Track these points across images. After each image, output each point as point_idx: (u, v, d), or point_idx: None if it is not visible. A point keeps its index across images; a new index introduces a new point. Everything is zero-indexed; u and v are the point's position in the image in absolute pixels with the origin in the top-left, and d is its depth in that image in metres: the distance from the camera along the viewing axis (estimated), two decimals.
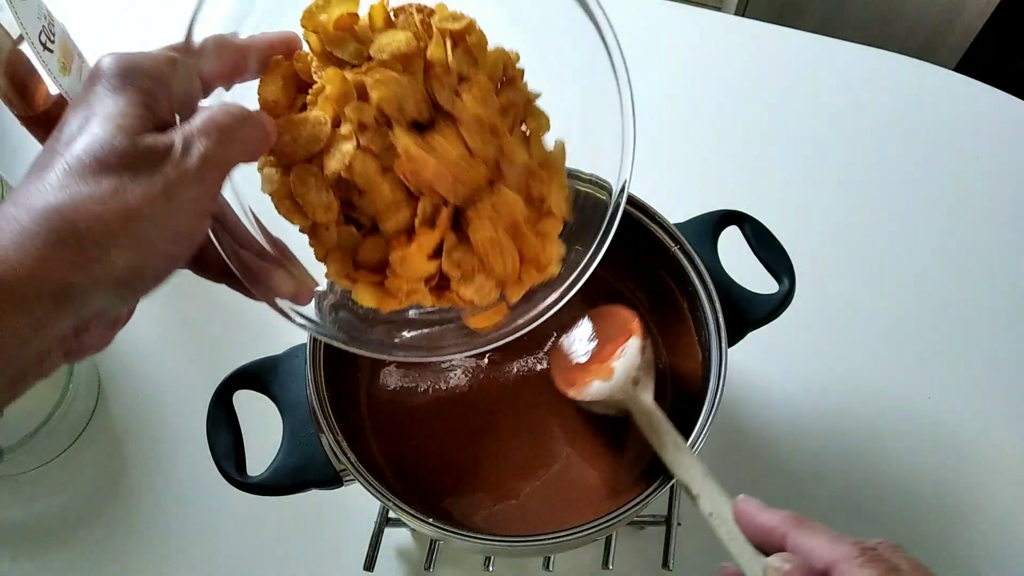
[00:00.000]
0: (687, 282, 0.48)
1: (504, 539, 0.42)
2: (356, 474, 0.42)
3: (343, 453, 0.43)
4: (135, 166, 0.26)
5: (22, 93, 0.64)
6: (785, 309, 0.48)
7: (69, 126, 0.27)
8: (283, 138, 0.32)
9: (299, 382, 0.46)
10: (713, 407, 0.43)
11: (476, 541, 0.42)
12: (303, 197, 0.32)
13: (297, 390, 0.46)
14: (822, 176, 0.70)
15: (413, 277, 0.33)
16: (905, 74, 0.75)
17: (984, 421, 0.58)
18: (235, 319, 0.64)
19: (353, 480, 0.43)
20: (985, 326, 0.62)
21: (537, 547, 0.43)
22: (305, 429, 0.45)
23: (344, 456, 0.42)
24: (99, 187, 0.25)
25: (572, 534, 0.41)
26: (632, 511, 0.41)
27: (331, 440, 0.43)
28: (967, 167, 0.70)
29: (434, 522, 0.41)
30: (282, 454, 0.45)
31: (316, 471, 0.44)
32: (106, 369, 0.62)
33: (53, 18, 0.65)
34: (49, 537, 0.56)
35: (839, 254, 0.66)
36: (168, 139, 0.27)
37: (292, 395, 0.46)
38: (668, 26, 0.79)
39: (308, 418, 0.44)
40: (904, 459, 0.57)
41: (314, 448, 0.44)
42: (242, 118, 0.29)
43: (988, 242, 0.66)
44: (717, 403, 0.43)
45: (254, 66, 0.33)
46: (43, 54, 0.62)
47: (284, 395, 0.46)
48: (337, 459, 0.43)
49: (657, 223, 0.49)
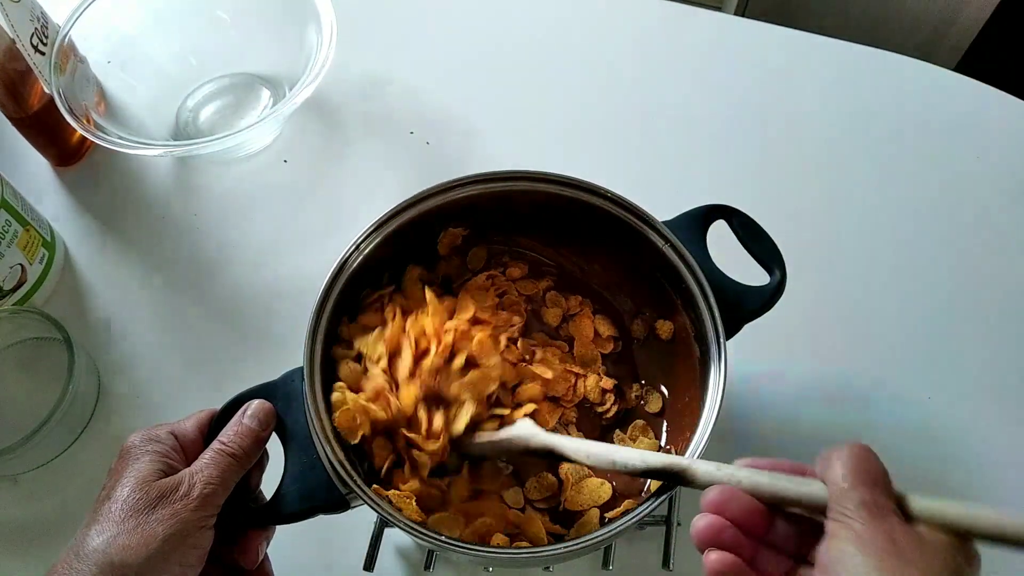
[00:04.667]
0: (679, 278, 0.48)
1: (506, 552, 0.42)
2: (363, 497, 0.41)
3: (348, 476, 0.42)
4: (152, 505, 0.39)
5: (14, 95, 0.64)
6: (778, 299, 0.48)
7: (109, 487, 0.40)
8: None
9: (298, 406, 0.45)
10: (717, 401, 0.43)
11: (481, 554, 0.42)
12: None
13: (296, 415, 0.45)
14: (822, 176, 0.70)
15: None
16: (905, 74, 0.75)
17: (984, 421, 0.58)
18: (235, 320, 0.64)
19: (361, 503, 0.42)
20: (985, 326, 0.62)
21: (538, 559, 0.42)
22: (307, 454, 0.44)
23: (350, 479, 0.42)
24: (126, 526, 0.38)
25: (572, 546, 0.41)
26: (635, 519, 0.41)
27: (335, 463, 0.42)
28: (967, 167, 0.70)
29: (446, 540, 0.41)
30: (286, 480, 0.44)
31: (321, 496, 0.43)
32: (106, 369, 0.62)
33: (48, 19, 0.65)
34: (49, 537, 0.56)
35: (839, 254, 0.65)
36: (177, 480, 0.40)
37: (292, 420, 0.45)
38: (668, 26, 0.79)
39: (309, 443, 0.44)
40: (904, 459, 0.57)
41: (318, 473, 0.43)
42: (237, 457, 0.43)
43: (988, 242, 0.66)
44: (721, 396, 0.43)
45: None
46: (34, 56, 0.62)
47: (284, 421, 0.45)
48: (343, 482, 0.42)
49: (645, 222, 0.49)
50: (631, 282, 0.54)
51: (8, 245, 0.59)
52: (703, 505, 0.35)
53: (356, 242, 0.48)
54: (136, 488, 0.39)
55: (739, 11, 1.21)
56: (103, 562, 0.37)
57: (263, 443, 0.44)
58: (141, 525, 0.38)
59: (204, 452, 0.42)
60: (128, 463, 0.41)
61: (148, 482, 0.40)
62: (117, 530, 0.38)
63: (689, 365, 0.49)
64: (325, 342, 0.47)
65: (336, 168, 0.72)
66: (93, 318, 0.64)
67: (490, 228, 0.55)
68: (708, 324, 0.46)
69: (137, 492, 0.39)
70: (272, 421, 0.45)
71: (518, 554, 0.41)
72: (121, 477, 0.40)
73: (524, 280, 0.55)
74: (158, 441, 0.42)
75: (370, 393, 0.46)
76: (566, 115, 0.74)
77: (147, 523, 0.38)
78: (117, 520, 0.38)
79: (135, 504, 0.39)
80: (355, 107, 0.75)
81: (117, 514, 0.39)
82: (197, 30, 0.73)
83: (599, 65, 0.77)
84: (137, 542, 0.38)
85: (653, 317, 0.53)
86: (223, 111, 0.74)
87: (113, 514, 0.39)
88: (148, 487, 0.40)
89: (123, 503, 0.39)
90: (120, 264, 0.67)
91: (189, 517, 0.39)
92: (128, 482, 0.40)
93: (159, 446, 0.42)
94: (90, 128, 0.62)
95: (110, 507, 0.39)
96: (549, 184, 0.50)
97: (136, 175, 0.72)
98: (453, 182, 0.50)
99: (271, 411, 0.45)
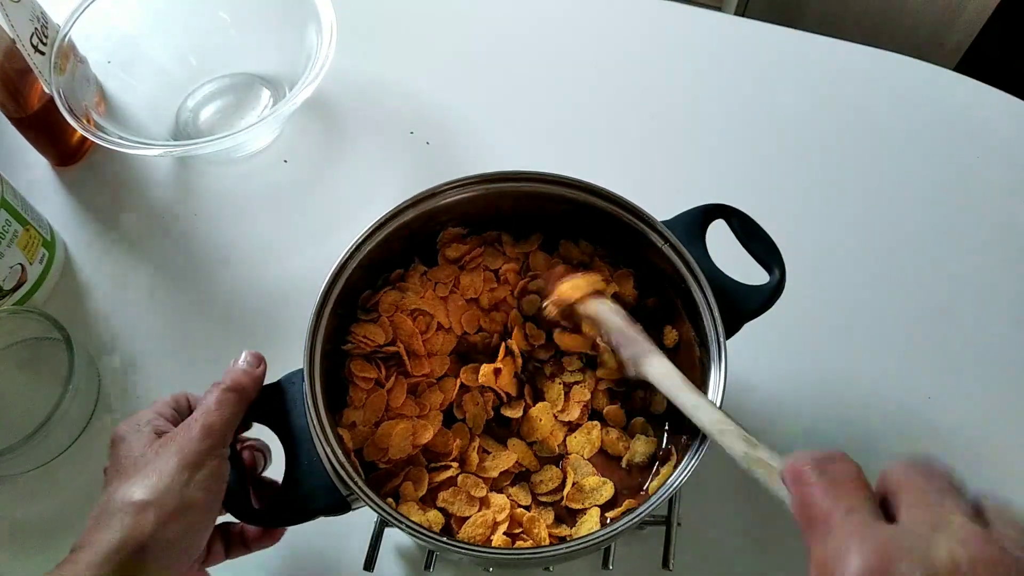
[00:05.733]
0: (679, 278, 0.48)
1: (506, 552, 0.42)
2: (364, 498, 0.41)
3: (349, 477, 0.42)
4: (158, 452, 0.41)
5: (14, 95, 0.64)
6: (778, 298, 0.48)
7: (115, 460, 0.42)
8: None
9: (298, 409, 0.45)
10: (717, 401, 0.43)
11: (481, 555, 0.42)
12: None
13: (297, 417, 0.45)
14: (823, 177, 0.70)
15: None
16: (905, 74, 0.75)
17: (984, 421, 0.58)
18: (235, 320, 0.64)
19: (362, 504, 0.42)
20: (985, 326, 0.62)
21: (538, 559, 0.42)
22: (308, 456, 0.44)
23: (351, 480, 0.42)
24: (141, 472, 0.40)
25: (573, 546, 0.41)
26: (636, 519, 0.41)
27: (336, 465, 0.42)
28: (967, 167, 0.70)
29: (447, 540, 0.41)
30: (286, 483, 0.44)
31: (322, 498, 0.43)
32: (106, 369, 0.62)
33: (48, 19, 0.65)
34: (49, 537, 0.56)
35: (839, 255, 0.65)
36: (178, 428, 0.43)
37: (292, 422, 0.45)
38: (668, 26, 0.79)
39: (310, 445, 0.43)
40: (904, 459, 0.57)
41: (318, 475, 0.43)
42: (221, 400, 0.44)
43: (988, 242, 0.66)
44: (721, 395, 0.43)
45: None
46: (34, 56, 0.62)
47: (284, 423, 0.45)
48: (344, 484, 0.42)
49: (644, 221, 0.49)
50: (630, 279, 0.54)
51: (8, 245, 0.59)
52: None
53: (356, 243, 0.48)
54: (143, 447, 0.41)
55: (739, 11, 1.21)
56: (127, 504, 0.38)
57: (258, 380, 0.46)
58: (152, 464, 0.40)
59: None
60: (125, 439, 0.42)
61: (151, 441, 0.42)
62: (134, 478, 0.40)
63: (689, 364, 0.49)
64: (325, 343, 0.47)
65: (336, 168, 0.72)
66: (93, 318, 0.64)
67: (489, 228, 0.55)
68: (708, 324, 0.46)
69: (144, 449, 0.41)
70: (263, 361, 0.47)
71: (518, 554, 0.41)
72: (120, 449, 0.42)
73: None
74: (146, 418, 0.44)
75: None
76: (566, 115, 0.74)
77: (158, 462, 0.40)
78: (131, 473, 0.40)
79: (144, 456, 0.41)
80: (355, 107, 0.75)
81: (129, 469, 0.40)
82: (197, 30, 0.73)
83: (599, 65, 0.77)
84: (155, 480, 0.39)
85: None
86: (223, 111, 0.74)
87: (126, 470, 0.40)
88: (152, 443, 0.41)
89: (134, 460, 0.41)
90: (120, 264, 0.67)
91: (195, 447, 0.41)
92: (133, 448, 0.42)
93: (149, 415, 0.44)
94: (90, 128, 0.62)
95: (121, 467, 0.41)
96: (548, 184, 0.50)
97: (136, 175, 0.72)
98: (452, 183, 0.50)
99: (260, 355, 0.47)
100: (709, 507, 0.54)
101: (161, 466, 0.40)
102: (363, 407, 0.49)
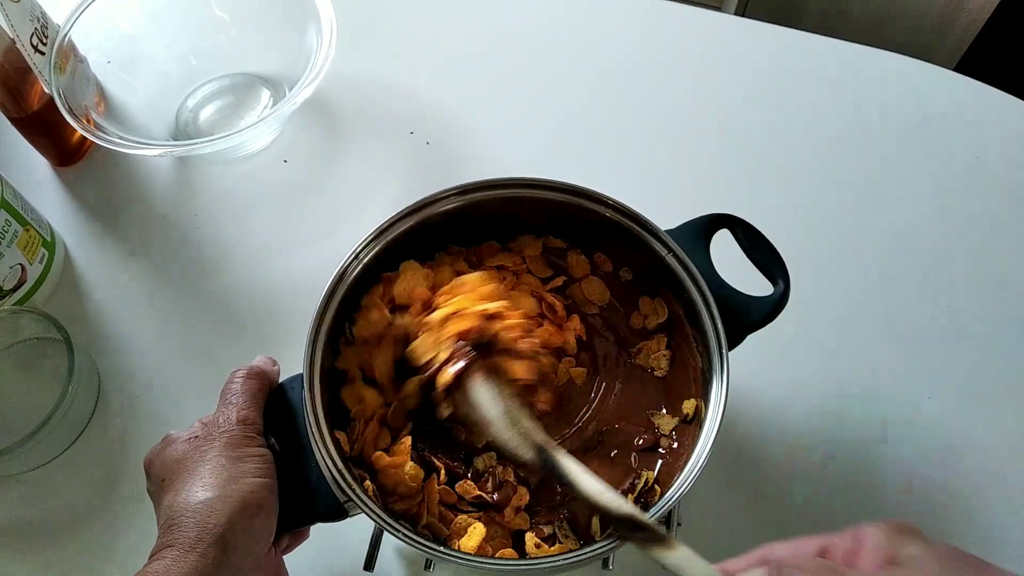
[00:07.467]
0: (682, 288, 0.47)
1: (507, 563, 0.41)
2: (362, 506, 0.41)
3: (347, 484, 0.42)
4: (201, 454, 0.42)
5: (14, 95, 0.64)
6: (781, 310, 0.47)
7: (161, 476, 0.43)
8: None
9: (298, 413, 0.45)
10: (719, 412, 0.43)
11: (480, 565, 0.42)
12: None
13: (296, 423, 0.45)
14: (822, 177, 0.70)
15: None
16: (905, 74, 0.75)
17: (985, 422, 0.58)
18: (235, 320, 0.64)
19: (359, 512, 0.42)
20: (985, 326, 0.62)
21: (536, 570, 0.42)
22: (306, 462, 0.44)
23: (348, 488, 0.42)
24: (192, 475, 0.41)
25: (570, 558, 0.40)
26: None
27: (334, 472, 0.42)
28: (967, 167, 0.70)
29: (444, 550, 0.41)
30: (284, 487, 0.43)
31: (320, 504, 0.43)
32: (106, 369, 0.62)
33: (48, 19, 0.65)
34: (49, 537, 0.56)
35: (838, 255, 0.65)
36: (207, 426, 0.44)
37: (290, 428, 0.45)
38: (668, 26, 0.79)
39: (308, 451, 0.43)
40: (904, 460, 0.57)
41: (316, 481, 0.43)
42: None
43: (988, 242, 0.66)
44: (723, 407, 0.43)
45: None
46: (34, 56, 0.62)
47: (283, 427, 0.45)
48: (341, 491, 0.42)
49: (648, 231, 0.48)
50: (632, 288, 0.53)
51: (8, 245, 0.59)
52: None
53: (356, 251, 0.48)
54: (183, 453, 0.42)
55: (739, 11, 1.21)
56: (192, 505, 0.39)
57: (276, 374, 0.48)
58: (202, 464, 0.41)
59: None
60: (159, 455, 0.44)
61: (190, 446, 0.43)
62: (188, 482, 0.41)
63: (692, 376, 0.49)
64: (325, 350, 0.46)
65: (336, 168, 0.72)
66: (93, 318, 0.64)
67: (490, 236, 0.54)
68: (711, 335, 0.45)
69: (184, 454, 0.42)
70: (277, 363, 0.49)
71: (517, 566, 0.41)
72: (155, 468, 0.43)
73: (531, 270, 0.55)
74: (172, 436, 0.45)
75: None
76: (566, 115, 0.74)
77: (207, 461, 0.41)
78: (183, 478, 0.41)
79: (188, 458, 0.42)
80: (355, 107, 0.75)
81: (178, 478, 0.41)
82: (197, 30, 0.73)
83: (598, 65, 0.77)
84: (211, 478, 0.40)
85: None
86: (223, 111, 0.74)
87: (174, 479, 0.41)
88: (192, 447, 0.43)
89: (180, 466, 0.42)
90: (120, 264, 0.67)
91: (239, 438, 0.42)
92: (171, 456, 0.43)
93: (172, 433, 0.45)
94: (90, 128, 0.62)
95: (168, 478, 0.42)
96: (550, 191, 0.50)
97: (136, 175, 0.72)
98: (452, 189, 0.50)
99: (273, 358, 0.49)
100: (709, 507, 0.54)
101: (212, 462, 0.41)
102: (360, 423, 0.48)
